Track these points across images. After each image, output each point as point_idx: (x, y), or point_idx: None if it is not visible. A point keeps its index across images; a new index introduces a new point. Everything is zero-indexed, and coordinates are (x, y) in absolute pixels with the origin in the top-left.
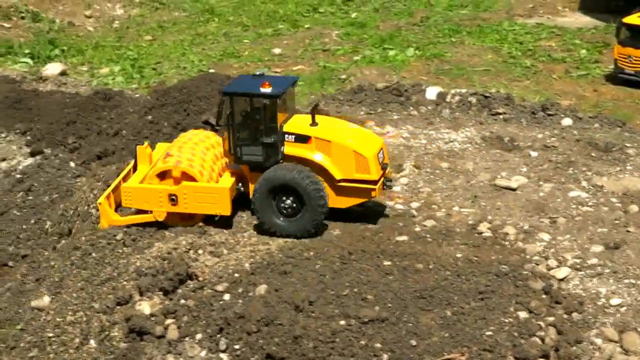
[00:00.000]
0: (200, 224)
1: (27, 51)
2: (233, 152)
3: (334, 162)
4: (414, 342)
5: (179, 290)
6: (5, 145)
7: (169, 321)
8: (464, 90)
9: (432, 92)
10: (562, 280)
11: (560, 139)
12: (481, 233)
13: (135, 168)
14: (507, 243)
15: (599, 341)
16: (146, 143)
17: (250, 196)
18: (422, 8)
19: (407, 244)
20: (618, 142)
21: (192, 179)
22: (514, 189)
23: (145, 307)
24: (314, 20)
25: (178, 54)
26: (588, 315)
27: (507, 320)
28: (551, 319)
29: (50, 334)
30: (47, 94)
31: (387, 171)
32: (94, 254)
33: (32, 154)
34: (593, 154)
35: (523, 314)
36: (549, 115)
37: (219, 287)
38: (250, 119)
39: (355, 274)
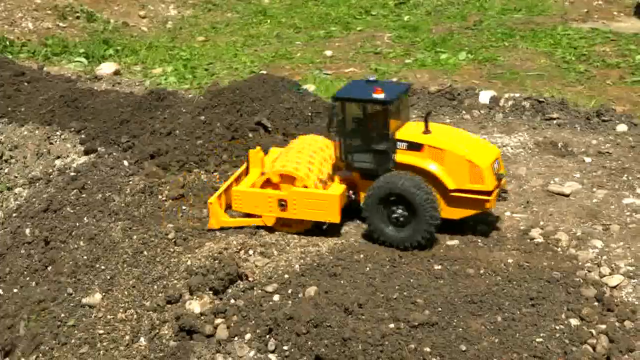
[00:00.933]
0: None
1: (81, 50)
2: (344, 159)
3: (447, 171)
4: (463, 347)
5: (229, 290)
6: (60, 143)
7: (218, 321)
8: (517, 95)
9: (485, 96)
10: (614, 287)
11: (615, 145)
12: (533, 239)
13: (247, 172)
14: (559, 249)
15: None
16: (258, 147)
17: (361, 204)
18: (475, 12)
19: (458, 249)
20: None
21: (303, 185)
22: (567, 195)
23: (195, 306)
24: (366, 22)
25: (230, 55)
26: None
27: (558, 327)
28: (603, 326)
29: (101, 331)
30: (101, 93)
31: (502, 182)
32: (145, 252)
33: (86, 152)
34: None
35: (574, 321)
36: (604, 121)
37: (269, 288)
38: (361, 125)
39: (405, 277)
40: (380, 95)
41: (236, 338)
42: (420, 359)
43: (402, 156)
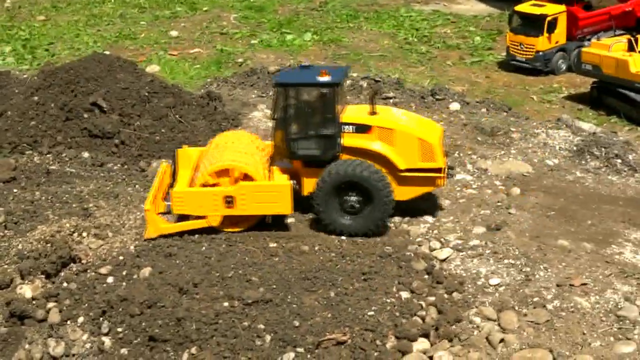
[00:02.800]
0: (85, 206)
1: None
2: (287, 147)
3: (397, 152)
4: (297, 323)
5: (62, 274)
6: None
7: (50, 305)
8: (355, 74)
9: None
10: (443, 261)
11: (448, 122)
12: None
13: (174, 173)
14: (392, 225)
15: (477, 320)
16: (185, 146)
17: (304, 193)
18: None
19: (294, 226)
20: (504, 126)
21: (250, 179)
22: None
23: (26, 290)
24: (212, 3)
25: (72, 35)
26: (468, 295)
27: (389, 301)
28: (432, 298)
29: None
30: None
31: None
32: None
33: None
34: (479, 138)
35: (405, 294)
36: (438, 99)
37: (103, 270)
38: (306, 111)
39: (241, 255)
40: (326, 78)
41: (69, 322)
42: (254, 336)
43: (350, 139)
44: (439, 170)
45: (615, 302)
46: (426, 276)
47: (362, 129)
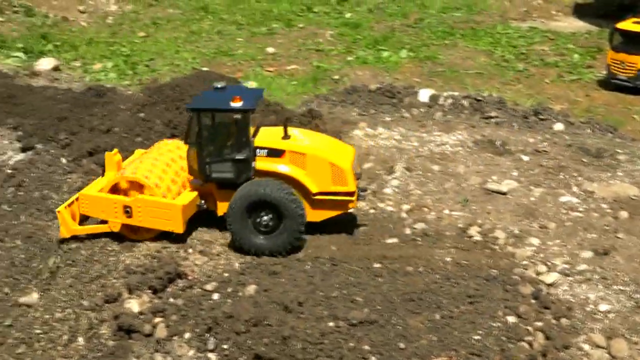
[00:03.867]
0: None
1: (20, 45)
2: (201, 170)
3: (309, 175)
4: (402, 345)
5: (168, 289)
6: None
7: (157, 320)
8: (456, 93)
9: (424, 95)
10: (551, 285)
11: (552, 143)
12: (471, 237)
13: (103, 175)
14: (497, 247)
15: (586, 347)
16: (115, 150)
17: (219, 214)
18: (416, 10)
19: (397, 247)
20: (609, 147)
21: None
22: (504, 193)
23: (134, 305)
24: (308, 20)
25: (171, 51)
26: (576, 321)
27: (495, 325)
28: (539, 324)
29: (38, 331)
30: (40, 89)
31: (358, 181)
32: (83, 252)
33: (24, 150)
34: (584, 160)
35: (512, 319)
36: (541, 119)
37: (208, 287)
38: (219, 135)
39: (345, 275)
40: (239, 104)
41: (175, 337)
42: (359, 357)
43: (263, 163)
44: (350, 194)
45: None
46: (533, 301)
47: (275, 153)
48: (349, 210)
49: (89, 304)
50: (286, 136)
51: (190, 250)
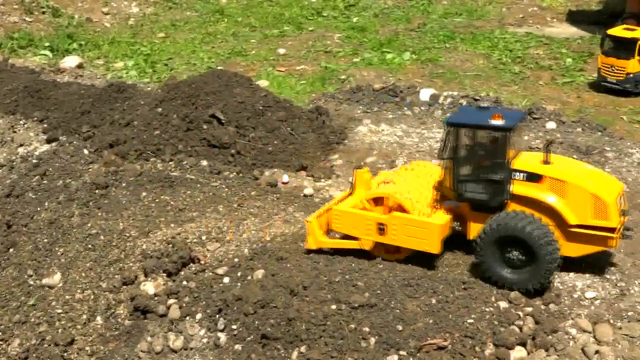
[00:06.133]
0: (204, 210)
1: (47, 44)
2: (454, 188)
3: (568, 205)
4: (400, 327)
5: (182, 273)
6: (24, 132)
7: (171, 301)
8: (455, 93)
9: (425, 94)
10: None
11: (544, 141)
12: None
13: (352, 192)
14: None
15: (573, 331)
16: (365, 168)
17: (469, 237)
18: (420, 15)
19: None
20: (598, 145)
21: (405, 210)
22: None
23: (149, 287)
24: (318, 23)
25: (189, 52)
26: (564, 307)
27: (488, 309)
28: (529, 309)
29: (59, 310)
30: (64, 85)
31: (624, 218)
32: (102, 237)
33: (48, 141)
34: (574, 156)
35: (503, 304)
36: (535, 119)
37: (220, 271)
38: (476, 153)
39: (347, 262)
40: (499, 122)
41: (188, 317)
42: (360, 338)
43: (519, 187)
44: (611, 229)
45: None
46: None
47: (533, 177)
48: (609, 248)
49: (107, 286)
50: (547, 161)
51: (203, 237)
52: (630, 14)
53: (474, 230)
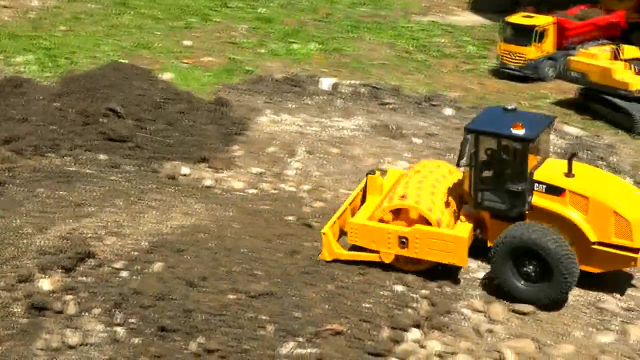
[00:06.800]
0: (102, 205)
1: None
2: (473, 196)
3: (589, 222)
4: (297, 314)
5: (79, 268)
6: None
7: (68, 297)
8: (355, 82)
9: (326, 83)
10: None
11: (442, 127)
12: None
13: (363, 198)
14: None
15: (467, 312)
16: (378, 173)
17: (489, 244)
18: (326, 5)
19: (296, 224)
20: None
21: (428, 222)
22: None
23: (45, 284)
24: (224, 14)
25: (92, 45)
26: (458, 289)
27: (384, 293)
28: (425, 292)
29: None
30: None
31: None
32: None
33: None
34: None
35: (399, 288)
36: (433, 105)
37: (117, 265)
38: (496, 162)
39: (247, 251)
40: (520, 132)
41: (85, 313)
42: (258, 326)
43: (540, 199)
44: (635, 250)
45: (595, 295)
46: None
47: (554, 190)
48: (632, 268)
49: (2, 284)
50: (570, 173)
51: (100, 232)
52: (530, 1)
53: (494, 237)
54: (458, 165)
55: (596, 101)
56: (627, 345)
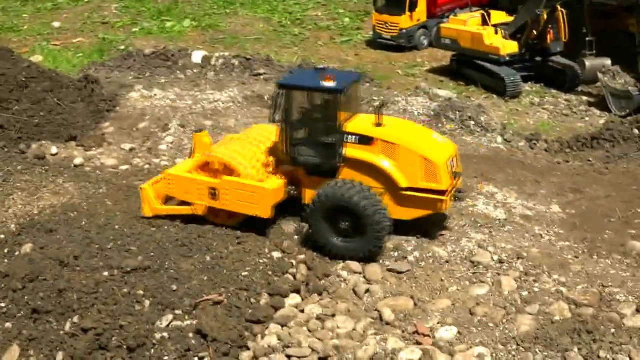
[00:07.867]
0: None
1: None
2: (288, 152)
3: (399, 168)
4: (174, 287)
5: None
6: None
7: None
8: (227, 54)
9: (197, 56)
10: None
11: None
12: None
13: (191, 156)
14: None
15: (345, 274)
16: (205, 131)
17: (305, 202)
18: None
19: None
20: (366, 95)
21: (234, 173)
22: None
23: None
24: None
25: None
26: None
27: (262, 261)
28: (302, 257)
29: None
30: None
31: (458, 181)
32: None
33: None
34: None
35: (277, 254)
36: None
37: None
38: (308, 116)
39: (120, 227)
40: (330, 84)
41: None
42: (134, 302)
43: (352, 150)
44: (442, 192)
45: (470, 250)
46: (296, 237)
47: (365, 140)
48: (440, 211)
49: None
50: (379, 124)
51: None
52: None
53: (309, 195)
54: (272, 121)
55: (469, 67)
56: (501, 296)
